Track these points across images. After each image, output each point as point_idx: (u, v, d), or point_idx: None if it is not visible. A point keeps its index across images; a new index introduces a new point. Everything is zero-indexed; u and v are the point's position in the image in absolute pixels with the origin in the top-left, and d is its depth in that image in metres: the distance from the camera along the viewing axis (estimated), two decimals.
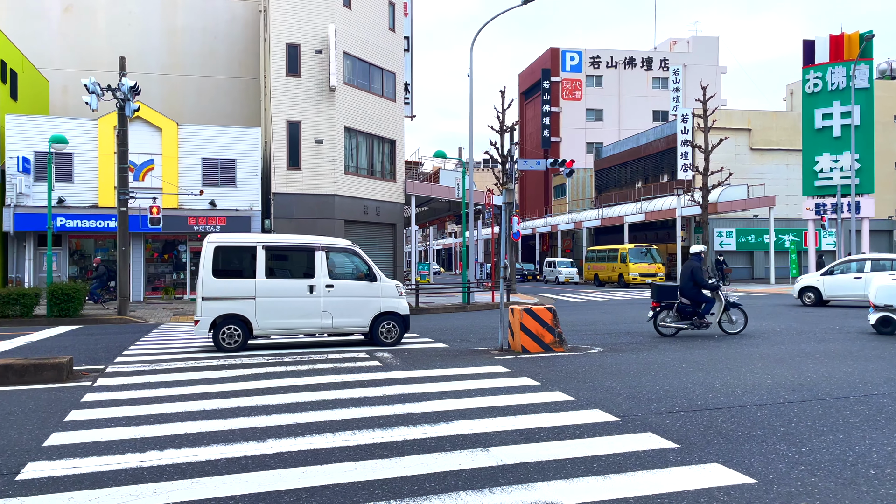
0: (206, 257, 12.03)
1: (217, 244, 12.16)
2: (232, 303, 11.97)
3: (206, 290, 11.97)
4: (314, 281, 12.26)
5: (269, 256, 12.21)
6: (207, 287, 11.97)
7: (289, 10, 27.96)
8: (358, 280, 12.65)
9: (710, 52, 64.86)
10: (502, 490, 4.67)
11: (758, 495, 4.52)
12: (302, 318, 12.22)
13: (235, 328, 12.00)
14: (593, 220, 48.46)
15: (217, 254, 12.09)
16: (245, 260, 12.19)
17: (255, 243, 12.25)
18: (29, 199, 24.93)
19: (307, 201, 28.06)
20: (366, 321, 12.56)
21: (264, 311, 12.01)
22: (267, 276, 12.13)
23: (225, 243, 12.27)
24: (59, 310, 19.06)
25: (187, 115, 31.43)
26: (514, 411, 6.97)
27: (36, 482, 4.97)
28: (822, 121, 34.24)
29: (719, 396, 7.62)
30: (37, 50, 30.80)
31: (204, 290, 11.98)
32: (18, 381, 8.84)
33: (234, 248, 12.32)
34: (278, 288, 12.14)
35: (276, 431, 6.29)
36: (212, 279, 11.98)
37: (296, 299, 12.16)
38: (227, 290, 12.00)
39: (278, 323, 12.16)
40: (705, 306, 13.63)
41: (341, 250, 12.75)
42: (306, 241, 12.67)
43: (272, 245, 12.35)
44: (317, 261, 12.32)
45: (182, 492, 4.73)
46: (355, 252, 12.83)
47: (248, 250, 12.20)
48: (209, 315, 11.95)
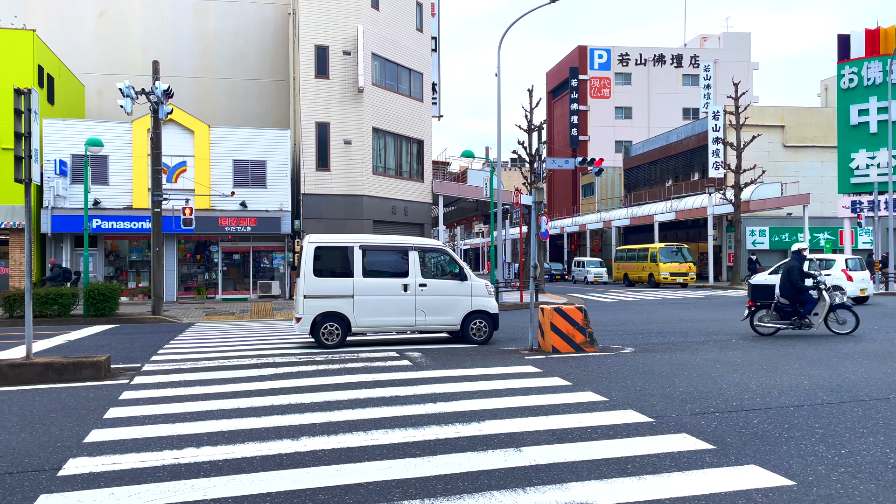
0: (307, 257, 12.35)
1: (317, 244, 12.50)
2: (332, 301, 12.31)
3: (307, 288, 12.29)
4: (408, 280, 12.56)
5: (365, 256, 12.54)
6: (308, 286, 12.29)
7: (318, 13, 28.18)
8: (449, 279, 12.93)
9: (741, 48, 63.87)
10: (536, 490, 4.65)
11: (797, 497, 4.45)
12: (397, 315, 12.53)
13: (335, 325, 12.35)
14: (622, 220, 48.02)
15: (317, 253, 12.42)
16: (343, 259, 12.54)
17: (352, 243, 12.60)
18: (66, 200, 25.48)
19: (336, 202, 28.26)
20: (457, 319, 12.81)
21: (362, 308, 12.35)
22: (364, 275, 12.45)
23: (324, 243, 12.60)
24: (95, 309, 19.44)
25: (218, 118, 31.86)
26: (546, 411, 6.94)
27: (77, 478, 5.08)
28: (857, 117, 33.51)
29: (755, 397, 7.50)
30: (72, 55, 31.46)
31: (305, 289, 12.30)
32: (58, 379, 9.05)
33: (332, 248, 12.65)
34: (375, 286, 12.46)
35: (309, 430, 6.35)
36: (312, 278, 12.30)
37: (391, 298, 12.47)
38: (326, 289, 12.34)
39: (375, 320, 12.50)
40: (806, 307, 13.12)
41: (433, 250, 13.09)
42: (400, 242, 13.06)
43: (368, 245, 12.68)
44: (410, 260, 12.62)
45: (219, 488, 4.79)
46: (446, 252, 13.18)
47: (346, 250, 12.56)
48: (311, 313, 12.28)
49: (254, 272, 28.39)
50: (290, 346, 13.02)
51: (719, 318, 17.69)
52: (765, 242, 41.19)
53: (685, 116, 62.47)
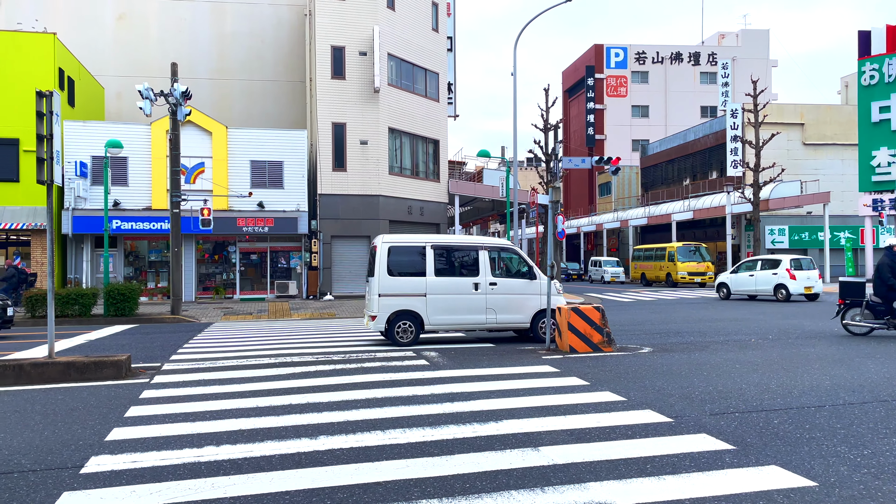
0: (381, 257, 12.61)
1: (391, 244, 12.77)
2: (405, 299, 12.57)
3: (381, 287, 12.54)
4: (479, 279, 12.77)
5: (437, 256, 12.80)
6: (383, 285, 12.54)
7: (334, 14, 28.28)
8: (518, 278, 13.09)
9: (759, 45, 63.24)
10: (554, 490, 4.64)
11: (819, 498, 4.41)
12: (468, 314, 12.71)
13: (409, 324, 12.61)
14: (640, 219, 47.75)
15: (391, 254, 12.67)
16: (415, 259, 12.77)
17: (424, 243, 12.86)
18: (86, 202, 25.77)
19: (352, 202, 28.35)
20: (527, 318, 12.95)
21: (434, 307, 12.58)
22: (436, 274, 12.69)
23: (397, 243, 12.86)
24: (115, 309, 19.66)
25: (235, 119, 32.09)
26: (563, 411, 6.92)
27: (99, 475, 5.14)
28: (879, 114, 33.05)
29: (775, 398, 7.43)
30: (92, 57, 31.83)
31: (380, 288, 12.55)
32: (80, 378, 9.16)
33: (405, 248, 12.88)
34: (447, 285, 12.70)
35: (327, 429, 6.37)
36: (387, 277, 12.56)
37: (463, 296, 12.69)
38: (400, 288, 12.59)
39: (447, 319, 12.71)
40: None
41: (503, 249, 13.28)
42: (470, 241, 13.34)
43: (440, 245, 12.93)
44: (480, 260, 12.83)
45: (239, 486, 4.83)
46: (516, 251, 13.37)
47: (418, 250, 12.81)
48: (385, 311, 12.53)
49: (271, 272, 28.56)
50: (307, 345, 13.08)
51: (738, 317, 17.54)
52: (784, 241, 40.78)
53: (703, 115, 61.98)
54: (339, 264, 28.58)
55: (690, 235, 45.32)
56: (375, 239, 13.11)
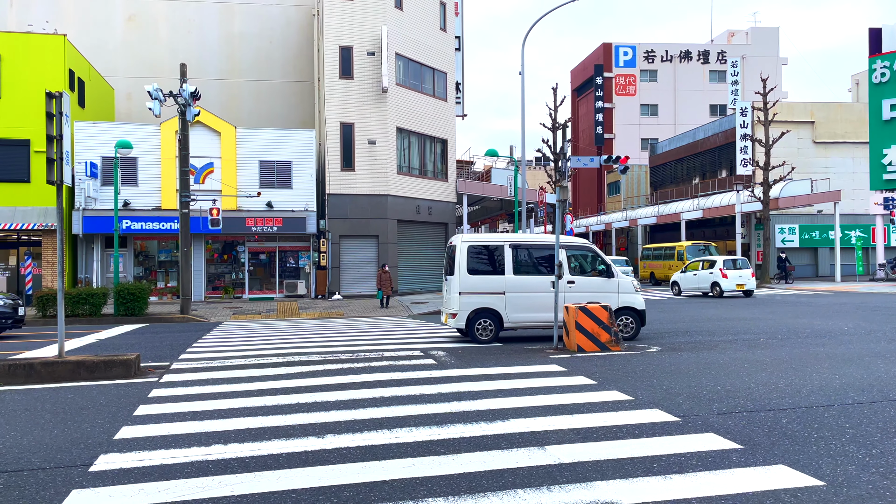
0: (461, 256, 12.82)
1: (470, 243, 12.99)
2: (485, 297, 12.75)
3: (462, 286, 12.74)
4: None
5: (515, 254, 12.95)
6: (463, 283, 12.74)
7: (342, 14, 28.34)
8: (596, 276, 13.22)
9: (769, 43, 62.87)
10: (561, 489, 4.64)
11: (826, 498, 4.39)
12: (547, 311, 12.75)
13: (489, 321, 12.80)
14: (649, 218, 47.57)
15: (470, 253, 12.87)
16: (494, 258, 12.97)
17: (502, 242, 13.04)
18: (96, 202, 25.93)
19: (361, 201, 28.40)
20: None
21: (513, 305, 12.73)
22: (514, 272, 12.85)
23: (476, 242, 13.10)
24: (125, 309, 19.78)
25: (244, 119, 32.20)
26: (570, 410, 6.91)
27: (108, 473, 5.18)
28: (890, 112, 32.84)
29: (784, 397, 7.40)
30: (102, 58, 32.02)
31: (460, 286, 12.76)
32: (89, 377, 9.22)
33: (483, 247, 13.09)
34: (525, 284, 12.84)
35: (334, 427, 6.39)
36: (467, 276, 12.77)
37: (541, 294, 12.78)
38: (480, 286, 12.79)
39: (526, 317, 12.85)
40: None
41: (580, 248, 13.41)
42: (548, 240, 13.32)
43: (518, 244, 13.09)
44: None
45: (246, 484, 4.85)
46: (593, 250, 13.47)
47: (497, 249, 12.99)
48: (466, 309, 12.76)
49: (280, 272, 28.64)
50: (315, 344, 13.12)
51: (747, 316, 17.45)
52: (794, 240, 40.55)
53: (712, 113, 61.70)
54: (347, 264, 28.63)
55: (700, 234, 45.12)
56: (453, 238, 13.32)
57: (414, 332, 15.47)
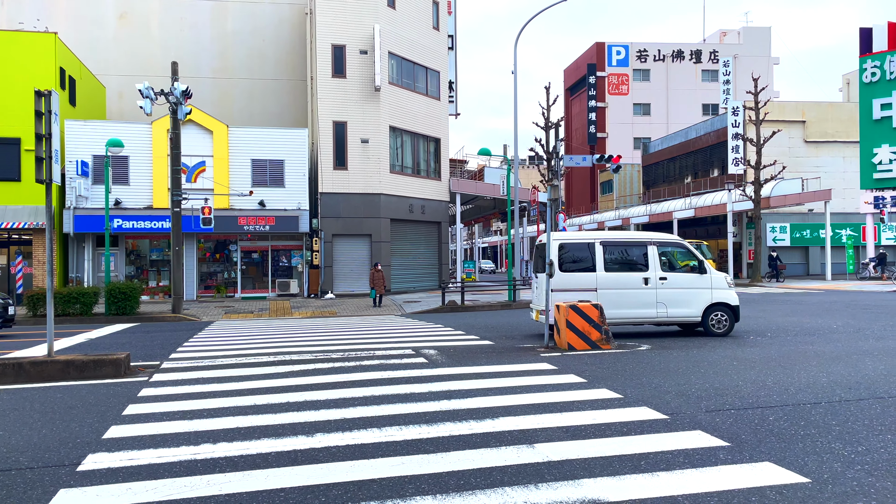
0: (552, 253, 12.84)
1: (561, 241, 13.15)
2: (577, 294, 12.78)
3: (554, 282, 12.78)
4: (648, 274, 12.99)
5: (606, 251, 13.05)
6: (555, 280, 12.77)
7: (334, 12, 28.30)
8: (688, 272, 13.21)
9: (761, 42, 63.12)
10: (548, 486, 4.66)
11: (812, 495, 4.42)
12: (638, 308, 12.93)
13: None
14: (641, 217, 47.71)
15: (561, 250, 13.00)
16: (585, 255, 13.10)
17: (593, 240, 13.17)
18: (87, 201, 25.82)
19: (353, 200, 28.38)
20: (697, 311, 13.06)
21: (605, 301, 12.73)
22: (605, 269, 12.96)
23: (567, 240, 13.28)
24: (116, 308, 19.71)
25: (237, 117, 32.11)
26: (560, 408, 6.94)
27: (96, 473, 5.17)
28: (880, 111, 33.01)
29: (772, 395, 7.44)
30: (94, 57, 31.87)
31: (552, 283, 12.77)
32: (79, 377, 9.19)
33: (574, 245, 13.24)
34: (616, 280, 12.95)
35: (324, 426, 6.40)
36: (558, 273, 12.81)
37: (632, 291, 12.93)
38: (571, 283, 12.89)
39: (618, 313, 12.88)
40: None
41: (671, 244, 13.38)
42: (639, 237, 13.52)
43: (608, 241, 13.21)
44: (649, 255, 13.04)
45: (234, 483, 4.85)
46: (685, 246, 13.44)
47: (588, 246, 13.11)
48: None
49: (272, 271, 28.59)
50: (307, 343, 13.11)
51: None
52: (785, 239, 40.74)
53: (704, 112, 61.91)
54: (340, 263, 28.61)
55: (692, 233, 45.26)
56: (542, 236, 13.39)
57: (406, 331, 15.47)
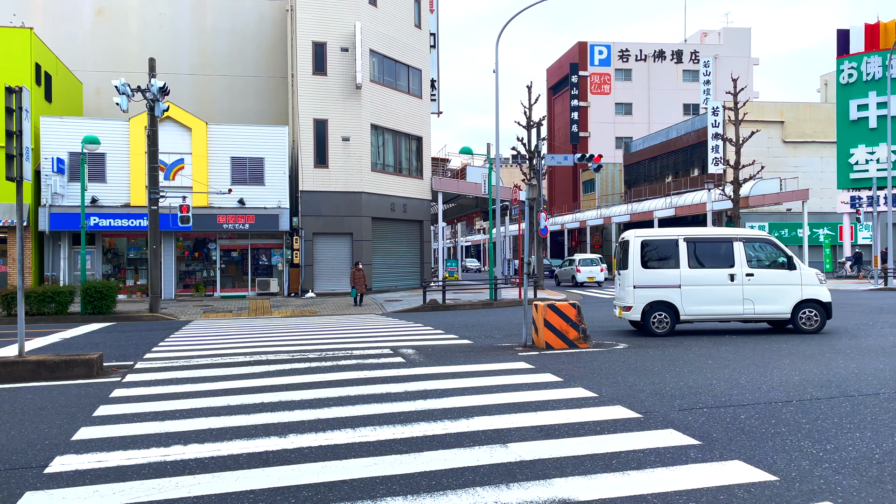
0: (634, 250, 13.03)
1: (643, 238, 13.19)
2: (659, 291, 12.89)
3: (636, 279, 12.90)
4: (734, 270, 12.86)
5: (690, 248, 13.00)
6: (637, 277, 12.91)
7: (315, 9, 28.16)
8: (776, 269, 13.04)
9: (741, 43, 63.68)
10: (519, 486, 4.66)
11: (779, 493, 4.45)
12: (724, 304, 12.85)
13: (665, 314, 12.91)
14: (623, 216, 47.98)
15: (643, 247, 13.05)
16: (668, 252, 13.11)
17: (676, 236, 13.15)
18: (63, 199, 25.49)
19: (334, 199, 28.26)
20: (786, 308, 12.92)
21: (689, 298, 12.81)
22: (689, 266, 12.91)
23: (649, 237, 13.31)
24: (92, 307, 19.47)
25: (217, 115, 31.83)
26: (535, 407, 6.95)
27: (63, 475, 5.10)
28: (857, 112, 33.47)
29: (744, 393, 7.51)
30: (70, 53, 31.43)
31: (634, 280, 12.90)
32: (50, 377, 9.06)
33: (657, 241, 13.28)
34: (701, 277, 12.89)
35: (297, 427, 6.36)
36: (640, 269, 12.97)
37: (717, 287, 12.83)
38: (654, 280, 12.96)
39: (702, 309, 12.89)
40: None
41: (758, 240, 13.31)
42: (724, 233, 13.43)
43: (693, 238, 13.14)
44: (735, 251, 12.93)
45: (203, 486, 4.80)
46: (772, 242, 13.31)
47: (671, 243, 13.10)
48: (640, 302, 12.96)
49: (252, 269, 28.41)
50: (285, 343, 13.03)
51: None
52: None
53: (685, 112, 62.36)
54: (321, 261, 28.49)
55: None
56: (626, 233, 13.44)
57: (386, 330, 15.44)
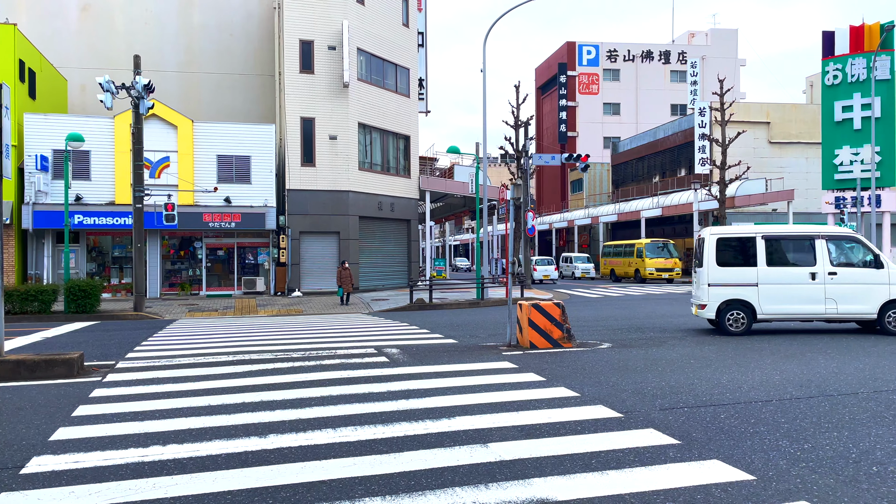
0: (710, 248, 12.90)
1: (719, 236, 13.06)
2: (735, 289, 12.74)
3: (711, 277, 12.76)
4: (816, 268, 12.61)
5: (768, 246, 12.80)
6: (712, 275, 12.76)
7: (302, 7, 28.05)
8: (862, 267, 12.73)
9: (728, 44, 64.06)
10: (498, 486, 4.66)
11: (755, 492, 4.48)
12: (805, 304, 12.63)
13: (741, 313, 12.77)
14: (610, 215, 48.15)
15: (719, 245, 12.92)
16: (745, 250, 12.92)
17: (754, 234, 12.98)
18: (47, 196, 25.26)
19: (321, 197, 28.17)
20: (872, 309, 12.60)
21: (767, 297, 12.61)
22: (767, 264, 12.71)
23: (726, 234, 13.20)
24: (76, 306, 19.30)
25: (203, 113, 31.65)
26: (517, 407, 6.95)
27: (39, 476, 5.05)
28: (841, 113, 33.68)
29: (725, 392, 7.55)
30: (55, 49, 31.15)
31: (709, 278, 12.78)
32: (30, 377, 8.98)
33: (734, 239, 13.14)
34: (780, 275, 12.68)
35: (278, 427, 6.33)
36: (716, 268, 12.82)
37: (798, 286, 12.61)
38: (730, 278, 12.80)
39: (781, 308, 12.69)
40: None
41: (842, 238, 13.02)
42: (806, 231, 13.22)
43: (772, 235, 12.94)
44: (817, 249, 12.68)
45: (181, 486, 4.77)
46: (858, 240, 12.97)
47: (748, 241, 12.92)
48: (715, 300, 12.83)
49: (238, 268, 28.27)
50: (269, 342, 12.98)
51: None
52: None
53: (673, 113, 62.66)
54: (307, 260, 28.40)
55: (660, 232, 45.81)
56: (703, 231, 13.30)
57: (371, 329, 15.41)
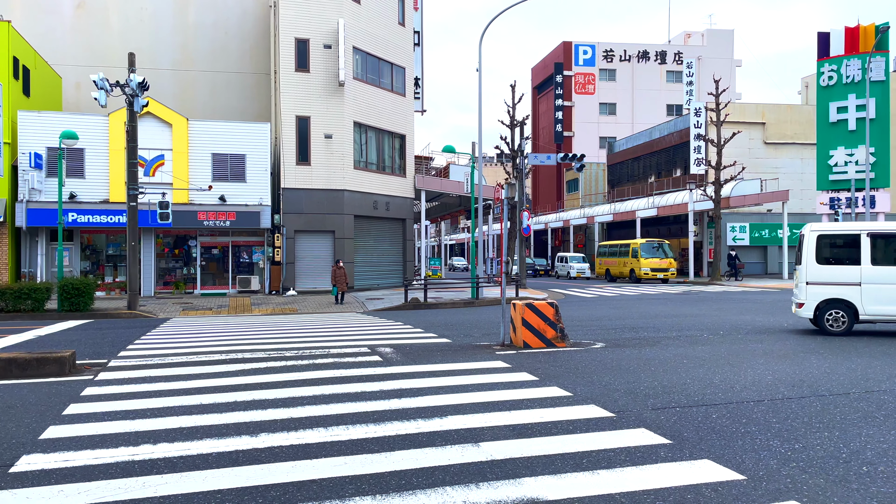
0: (809, 245, 12.64)
1: (819, 232, 12.73)
2: (836, 288, 12.46)
3: (809, 275, 12.53)
4: None
5: (873, 243, 12.39)
6: (811, 273, 12.52)
7: (298, 5, 27.99)
8: None
9: (724, 45, 64.20)
10: (489, 485, 4.66)
11: (745, 492, 4.49)
12: None
13: (841, 313, 12.50)
14: (605, 215, 48.20)
15: (819, 242, 12.64)
16: (847, 247, 12.57)
17: (858, 231, 12.54)
18: (41, 194, 25.15)
19: (316, 196, 28.13)
20: None
21: (871, 296, 12.27)
22: (872, 263, 12.33)
23: (827, 231, 12.81)
24: (69, 304, 19.23)
25: (199, 111, 31.56)
26: (509, 406, 6.95)
27: (28, 475, 5.03)
28: (836, 114, 33.79)
29: (717, 392, 7.56)
30: (50, 46, 31.03)
31: (808, 276, 12.54)
32: (21, 375, 8.94)
33: (835, 236, 12.79)
34: (886, 275, 12.25)
35: (269, 426, 6.31)
36: (815, 265, 12.57)
37: None
38: (830, 276, 12.52)
39: (886, 310, 12.29)
40: None
41: None
42: None
43: (878, 232, 12.49)
44: None
45: (170, 485, 4.75)
46: None
47: (852, 238, 12.54)
48: (814, 299, 12.62)
49: (233, 267, 28.20)
50: (262, 341, 12.95)
51: (694, 313, 17.81)
52: (745, 238, 41.51)
53: (669, 113, 62.76)
54: (302, 259, 28.35)
55: (655, 232, 45.88)
56: (804, 227, 13.06)
57: (365, 328, 15.39)
